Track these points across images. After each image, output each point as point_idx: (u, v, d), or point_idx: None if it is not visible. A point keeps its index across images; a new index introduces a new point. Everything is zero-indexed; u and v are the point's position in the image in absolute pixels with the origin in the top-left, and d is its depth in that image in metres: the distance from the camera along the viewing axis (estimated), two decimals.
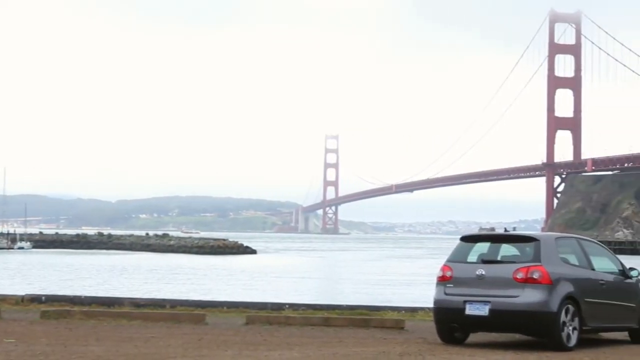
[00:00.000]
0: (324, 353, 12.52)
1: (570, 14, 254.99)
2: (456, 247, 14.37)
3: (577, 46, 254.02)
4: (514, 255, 13.81)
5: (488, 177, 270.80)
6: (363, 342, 14.09)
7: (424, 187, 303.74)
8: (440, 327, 14.11)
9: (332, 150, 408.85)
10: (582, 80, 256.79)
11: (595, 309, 13.92)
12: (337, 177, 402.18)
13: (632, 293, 15.02)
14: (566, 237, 14.81)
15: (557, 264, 13.57)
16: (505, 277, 13.39)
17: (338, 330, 16.09)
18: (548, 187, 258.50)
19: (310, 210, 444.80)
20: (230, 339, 14.17)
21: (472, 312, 13.46)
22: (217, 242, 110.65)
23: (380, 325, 16.61)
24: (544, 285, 13.19)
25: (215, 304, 20.45)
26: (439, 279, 14.10)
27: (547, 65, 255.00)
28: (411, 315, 18.92)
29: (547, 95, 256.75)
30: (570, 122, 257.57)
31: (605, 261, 14.93)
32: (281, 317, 17.31)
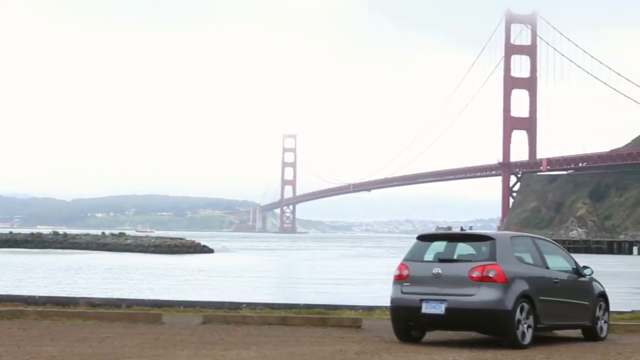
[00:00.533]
0: (281, 352, 12.51)
1: (526, 14, 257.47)
2: (413, 246, 14.44)
3: (532, 47, 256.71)
4: (470, 254, 13.91)
5: (445, 176, 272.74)
6: (320, 341, 14.10)
7: (382, 187, 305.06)
8: (397, 325, 14.17)
9: (290, 150, 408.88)
10: (537, 80, 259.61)
11: (549, 307, 14.07)
12: (294, 176, 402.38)
13: (586, 291, 15.22)
14: (521, 236, 14.95)
15: (512, 262, 13.70)
16: (461, 276, 13.49)
17: (295, 329, 16.09)
18: (504, 186, 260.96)
19: (268, 209, 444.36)
20: (187, 339, 14.10)
21: (429, 311, 13.54)
22: (174, 242, 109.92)
23: (338, 324, 16.64)
24: (500, 283, 13.31)
25: (172, 303, 20.34)
26: (396, 278, 14.16)
27: (504, 65, 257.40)
28: (368, 314, 18.97)
29: (503, 96, 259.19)
30: (526, 122, 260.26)
31: (560, 260, 15.10)
32: (238, 316, 17.27)
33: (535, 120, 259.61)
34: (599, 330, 15.40)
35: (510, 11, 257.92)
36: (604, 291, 15.74)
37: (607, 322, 15.71)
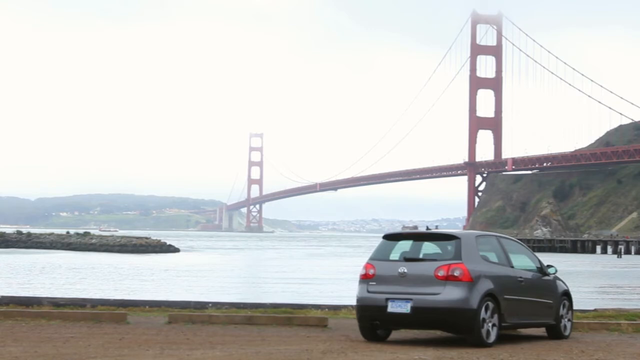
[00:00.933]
0: (247, 352, 12.49)
1: (491, 15, 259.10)
2: (379, 245, 14.46)
3: (498, 47, 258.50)
4: (435, 253, 13.96)
5: (411, 175, 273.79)
6: (286, 340, 14.09)
7: (348, 186, 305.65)
8: (363, 324, 14.19)
9: (256, 149, 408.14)
10: (503, 81, 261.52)
11: (514, 305, 14.17)
12: (261, 175, 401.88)
13: (550, 290, 15.34)
14: (486, 235, 15.03)
15: (477, 261, 13.77)
16: (427, 275, 13.53)
17: (261, 328, 16.07)
18: (469, 185, 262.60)
19: (234, 208, 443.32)
20: (152, 338, 14.02)
21: (394, 310, 13.58)
22: (139, 241, 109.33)
23: (304, 323, 16.64)
24: (465, 282, 13.37)
25: (137, 303, 20.22)
26: (362, 277, 14.18)
27: (469, 66, 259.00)
28: (334, 313, 18.99)
29: (469, 96, 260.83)
30: (492, 122, 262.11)
31: (524, 259, 15.21)
32: (204, 315, 17.21)
33: (500, 120, 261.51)
34: (563, 328, 15.53)
35: (476, 12, 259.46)
36: (567, 290, 15.87)
37: (570, 320, 15.84)
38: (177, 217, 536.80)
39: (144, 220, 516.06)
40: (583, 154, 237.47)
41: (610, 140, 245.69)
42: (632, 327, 17.16)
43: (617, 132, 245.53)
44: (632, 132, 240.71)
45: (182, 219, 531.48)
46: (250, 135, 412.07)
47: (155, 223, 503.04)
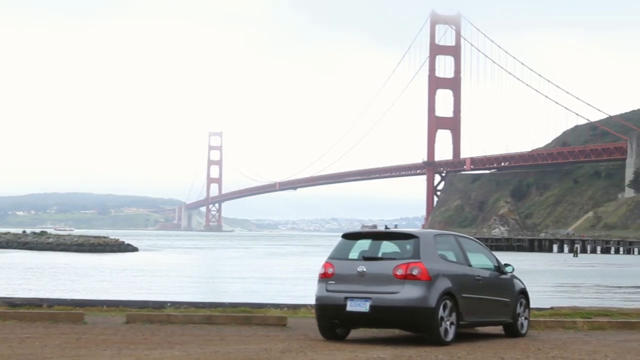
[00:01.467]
0: (206, 351, 12.44)
1: (450, 16, 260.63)
2: (338, 244, 14.48)
3: (457, 47, 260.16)
4: (394, 252, 14.01)
5: (371, 175, 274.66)
6: (245, 340, 14.06)
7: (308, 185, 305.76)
8: (322, 323, 14.20)
9: (215, 147, 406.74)
10: (461, 81, 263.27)
11: (471, 304, 14.26)
12: (220, 174, 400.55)
13: (507, 288, 15.47)
14: (445, 234, 15.12)
15: (435, 260, 13.84)
16: (386, 274, 13.57)
17: (220, 328, 16.02)
18: (428, 185, 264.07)
19: (193, 207, 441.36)
20: (110, 338, 13.92)
21: (353, 309, 13.60)
22: (97, 240, 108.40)
23: (263, 322, 16.62)
24: (423, 281, 13.43)
25: (95, 302, 20.07)
26: (321, 276, 14.19)
27: (428, 66, 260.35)
28: (293, 312, 18.99)
29: (428, 96, 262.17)
30: (450, 122, 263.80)
31: (482, 258, 15.32)
32: (162, 315, 17.11)
33: (459, 120, 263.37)
34: (520, 326, 15.67)
35: (435, 12, 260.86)
36: (524, 288, 16.02)
37: (527, 318, 15.99)
38: (135, 216, 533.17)
39: (102, 219, 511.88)
40: (540, 153, 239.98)
41: (567, 140, 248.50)
42: (588, 324, 17.38)
43: (573, 132, 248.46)
44: (588, 133, 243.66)
45: (141, 218, 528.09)
46: (209, 134, 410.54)
47: (113, 222, 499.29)
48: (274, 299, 30.16)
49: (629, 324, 17.57)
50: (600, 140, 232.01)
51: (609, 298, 41.32)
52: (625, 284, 54.04)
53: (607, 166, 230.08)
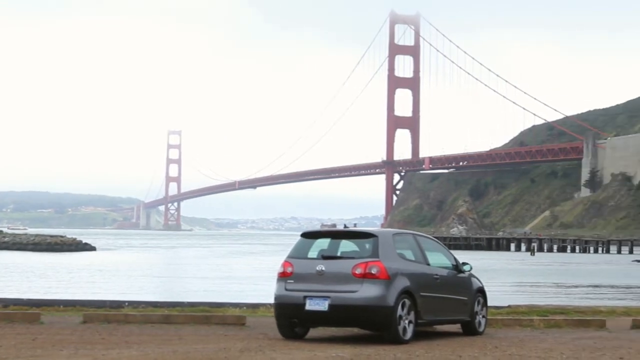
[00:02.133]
0: (164, 351, 12.37)
1: (409, 16, 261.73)
2: (297, 243, 14.49)
3: (416, 47, 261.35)
4: (353, 251, 14.04)
5: (330, 174, 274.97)
6: (204, 339, 14.01)
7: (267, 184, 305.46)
8: (281, 322, 14.20)
9: (174, 146, 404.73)
10: (420, 80, 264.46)
11: (430, 303, 14.34)
12: (179, 172, 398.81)
13: (465, 287, 15.58)
14: (403, 233, 15.18)
15: (394, 259, 13.89)
16: (345, 273, 13.60)
17: (179, 327, 15.95)
18: (387, 184, 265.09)
19: (152, 206, 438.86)
20: (67, 338, 13.79)
21: (312, 308, 13.61)
22: (54, 239, 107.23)
23: (222, 321, 16.58)
24: (382, 280, 13.48)
25: (51, 302, 19.88)
26: (280, 275, 14.19)
27: (388, 65, 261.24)
28: (252, 312, 18.97)
29: (387, 95, 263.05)
30: (409, 122, 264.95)
31: (440, 256, 15.42)
32: (120, 315, 17.00)
33: (418, 120, 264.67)
34: (478, 324, 15.79)
35: (394, 12, 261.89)
36: (482, 287, 16.14)
37: (485, 316, 16.12)
38: (93, 215, 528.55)
39: (59, 218, 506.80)
40: (498, 153, 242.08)
41: (524, 140, 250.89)
42: (544, 322, 17.57)
43: (530, 132, 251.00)
44: (545, 133, 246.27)
45: (99, 217, 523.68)
46: (168, 133, 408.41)
47: (70, 221, 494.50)
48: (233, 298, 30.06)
49: (584, 322, 17.80)
50: (557, 140, 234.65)
51: (566, 296, 41.79)
52: (582, 283, 54.70)
53: (564, 166, 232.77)
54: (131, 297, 30.44)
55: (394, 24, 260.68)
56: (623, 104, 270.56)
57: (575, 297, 40.93)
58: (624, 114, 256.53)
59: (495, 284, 47.66)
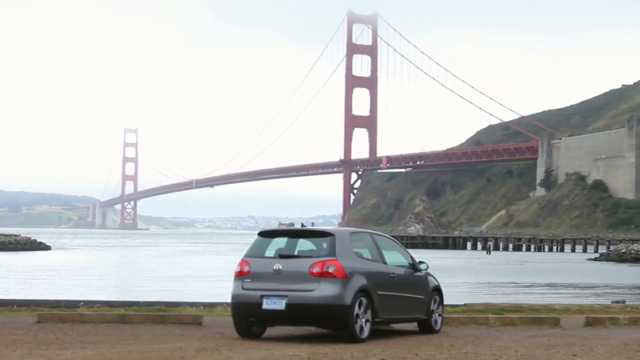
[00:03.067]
0: (119, 350, 12.28)
1: (367, 15, 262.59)
2: (254, 242, 14.47)
3: (373, 47, 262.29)
4: (310, 250, 14.05)
5: (288, 173, 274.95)
6: (160, 339, 13.93)
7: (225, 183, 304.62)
8: (238, 321, 14.17)
9: (131, 144, 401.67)
10: (378, 80, 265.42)
11: (387, 301, 14.39)
12: (136, 171, 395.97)
13: (421, 286, 15.67)
14: (360, 232, 15.22)
15: (351, 258, 13.92)
16: (302, 272, 13.60)
17: (135, 327, 15.83)
18: (345, 183, 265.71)
19: (108, 205, 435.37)
20: (20, 339, 13.62)
21: (269, 307, 13.60)
22: (7, 238, 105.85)
23: (178, 321, 16.49)
24: (339, 279, 13.50)
25: (5, 302, 19.64)
26: (237, 274, 14.15)
27: (345, 64, 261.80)
28: (209, 311, 18.90)
29: (345, 94, 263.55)
30: (367, 121, 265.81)
31: (397, 255, 15.48)
32: (75, 314, 16.84)
33: (375, 119, 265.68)
34: (434, 323, 15.88)
35: (352, 11, 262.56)
36: (438, 285, 16.24)
37: (441, 315, 16.23)
38: (48, 214, 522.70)
39: (13, 217, 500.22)
40: (455, 153, 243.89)
41: (481, 140, 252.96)
42: (499, 320, 17.73)
43: (487, 132, 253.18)
44: (500, 132, 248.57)
45: (54, 216, 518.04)
46: (124, 131, 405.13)
47: (24, 220, 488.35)
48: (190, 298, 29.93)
49: (538, 320, 17.99)
50: (512, 140, 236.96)
51: (521, 295, 42.20)
52: (537, 281, 55.28)
53: (519, 165, 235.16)
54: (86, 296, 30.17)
55: (352, 24, 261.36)
56: (577, 105, 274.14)
57: (530, 296, 41.36)
58: (578, 114, 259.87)
59: (452, 282, 47.99)
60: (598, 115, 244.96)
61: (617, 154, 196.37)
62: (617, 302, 24.77)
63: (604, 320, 18.06)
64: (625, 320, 18.22)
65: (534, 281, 55.08)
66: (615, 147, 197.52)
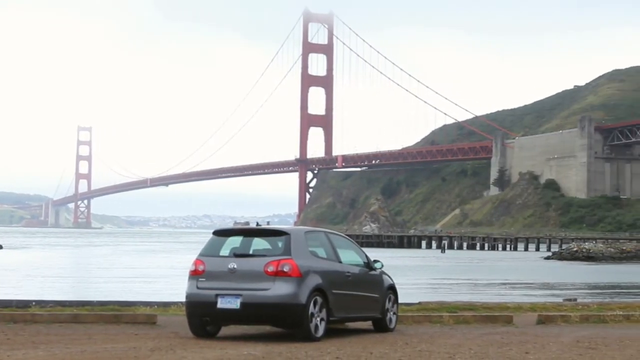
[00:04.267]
0: (72, 351, 12.16)
1: (323, 14, 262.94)
2: (209, 241, 14.42)
3: (329, 46, 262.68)
4: (265, 249, 14.04)
5: (243, 171, 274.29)
6: (113, 338, 13.82)
7: (180, 181, 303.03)
8: (192, 321, 14.11)
9: (84, 143, 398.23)
10: (333, 79, 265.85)
11: (341, 300, 14.42)
12: (90, 169, 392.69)
13: (376, 284, 15.72)
14: (315, 231, 15.23)
15: (306, 257, 13.93)
16: (257, 271, 13.59)
17: (88, 327, 15.69)
18: (301, 182, 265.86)
19: (61, 203, 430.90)
20: None
21: (224, 306, 13.56)
22: None
23: (132, 320, 16.38)
24: (294, 278, 13.51)
25: None
26: (192, 273, 14.09)
27: (301, 63, 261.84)
28: (164, 310, 18.79)
29: (301, 93, 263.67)
30: (323, 120, 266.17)
31: (352, 254, 15.52)
32: (27, 314, 16.63)
33: (331, 118, 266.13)
34: (389, 321, 15.95)
35: (308, 10, 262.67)
36: (393, 284, 16.31)
37: (396, 313, 16.30)
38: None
39: None
40: (410, 152, 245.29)
41: (436, 139, 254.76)
42: (453, 319, 17.86)
43: (441, 131, 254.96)
44: (455, 132, 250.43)
45: (5, 214, 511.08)
46: (78, 129, 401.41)
47: None
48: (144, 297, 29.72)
49: (492, 318, 18.17)
50: (467, 139, 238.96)
51: (475, 293, 42.54)
52: (490, 280, 55.77)
53: (473, 165, 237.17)
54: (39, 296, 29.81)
55: (308, 22, 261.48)
56: (530, 105, 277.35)
57: (483, 294, 41.70)
58: (531, 114, 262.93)
59: (406, 281, 48.22)
60: (551, 116, 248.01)
61: (569, 153, 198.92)
62: (568, 300, 25.09)
63: (556, 318, 18.29)
64: (576, 318, 18.48)
65: (487, 279, 55.56)
66: (567, 147, 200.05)
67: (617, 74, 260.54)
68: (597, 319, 18.74)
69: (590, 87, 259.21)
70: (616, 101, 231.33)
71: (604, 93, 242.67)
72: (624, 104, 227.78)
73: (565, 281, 55.38)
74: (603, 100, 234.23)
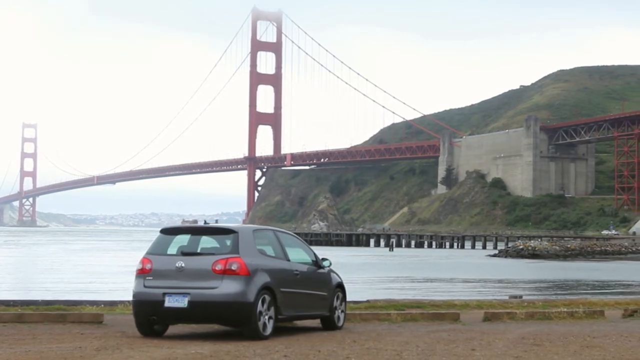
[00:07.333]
0: (16, 351, 11.99)
1: (272, 12, 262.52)
2: (156, 240, 14.32)
3: (278, 44, 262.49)
4: (213, 247, 13.99)
5: (192, 169, 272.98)
6: (59, 338, 13.66)
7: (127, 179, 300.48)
8: (139, 320, 14.00)
9: (30, 140, 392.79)
10: (282, 77, 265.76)
11: (290, 298, 14.44)
12: (35, 167, 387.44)
13: (324, 282, 15.76)
14: (263, 229, 15.21)
15: (254, 255, 13.92)
16: (205, 269, 13.54)
17: (33, 326, 15.48)
18: (249, 180, 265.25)
19: (5, 201, 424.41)
20: None
21: (171, 304, 13.48)
22: None
23: (78, 320, 16.20)
24: (242, 276, 13.48)
25: None
26: (139, 272, 13.99)
27: (250, 61, 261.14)
28: (110, 309, 18.62)
29: (250, 91, 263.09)
30: (271, 118, 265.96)
31: (300, 252, 15.55)
32: None
33: (280, 116, 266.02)
34: (337, 319, 15.99)
35: (256, 8, 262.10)
36: (341, 282, 16.35)
37: (344, 311, 16.34)
38: None
39: None
40: (358, 150, 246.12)
41: (384, 138, 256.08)
42: (401, 316, 17.97)
43: (390, 130, 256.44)
44: (403, 131, 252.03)
45: None
46: (23, 126, 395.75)
47: None
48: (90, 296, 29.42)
49: (439, 315, 18.31)
50: (415, 138, 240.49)
51: (422, 290, 42.85)
52: (438, 277, 56.22)
53: (421, 163, 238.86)
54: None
55: (257, 20, 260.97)
56: (478, 104, 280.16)
57: (431, 291, 42.03)
58: (478, 113, 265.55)
59: (355, 279, 48.41)
60: (497, 115, 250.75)
61: (515, 152, 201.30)
62: (514, 297, 25.40)
63: (501, 315, 18.50)
64: (522, 314, 18.72)
65: (435, 277, 56.01)
66: (513, 146, 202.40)
67: (561, 74, 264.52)
68: (542, 315, 18.99)
69: (536, 87, 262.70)
70: (561, 101, 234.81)
71: (549, 93, 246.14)
72: (568, 104, 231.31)
73: (511, 278, 56.06)
74: (548, 100, 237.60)
